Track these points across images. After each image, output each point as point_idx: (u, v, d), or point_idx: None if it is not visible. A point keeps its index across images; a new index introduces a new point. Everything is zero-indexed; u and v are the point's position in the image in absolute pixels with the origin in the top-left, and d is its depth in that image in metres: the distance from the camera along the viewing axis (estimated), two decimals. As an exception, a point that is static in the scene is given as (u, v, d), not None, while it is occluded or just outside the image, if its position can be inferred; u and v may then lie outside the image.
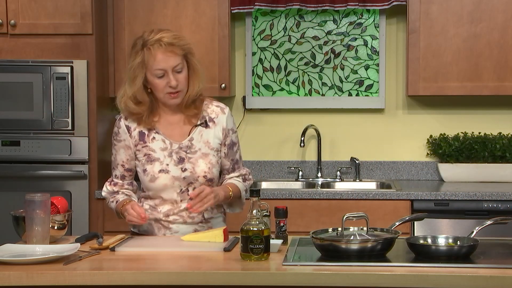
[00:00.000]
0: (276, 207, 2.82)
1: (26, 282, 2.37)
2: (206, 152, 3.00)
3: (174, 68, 2.91)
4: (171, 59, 2.89)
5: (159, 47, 2.88)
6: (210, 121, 3.03)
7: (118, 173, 3.08)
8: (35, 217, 2.64)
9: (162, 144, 2.99)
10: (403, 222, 2.79)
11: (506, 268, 2.37)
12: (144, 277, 2.38)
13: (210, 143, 3.01)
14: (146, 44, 2.89)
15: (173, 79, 2.90)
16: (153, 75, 2.90)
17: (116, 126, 3.06)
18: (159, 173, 2.96)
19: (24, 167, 4.28)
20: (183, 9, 4.49)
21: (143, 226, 3.04)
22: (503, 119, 4.74)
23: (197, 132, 3.01)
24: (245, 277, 2.37)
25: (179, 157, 2.98)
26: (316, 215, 4.19)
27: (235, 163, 3.09)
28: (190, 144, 2.99)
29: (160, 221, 3.02)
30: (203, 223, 3.03)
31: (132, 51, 2.94)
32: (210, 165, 2.99)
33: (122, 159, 3.05)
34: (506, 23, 4.41)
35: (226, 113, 3.06)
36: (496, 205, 4.15)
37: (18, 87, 4.24)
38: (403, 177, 4.82)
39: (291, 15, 4.83)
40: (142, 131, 3.01)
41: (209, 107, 3.05)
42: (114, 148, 3.07)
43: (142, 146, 3.00)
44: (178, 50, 2.91)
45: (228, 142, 3.06)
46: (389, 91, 4.81)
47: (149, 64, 2.89)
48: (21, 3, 4.27)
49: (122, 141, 3.04)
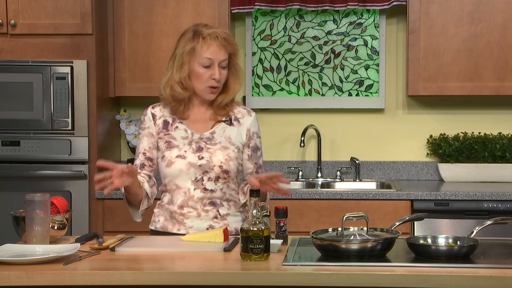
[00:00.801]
0: (276, 207, 2.82)
1: (26, 282, 2.37)
2: (226, 146, 3.02)
3: (221, 62, 2.97)
4: (222, 52, 2.96)
5: (215, 39, 2.95)
6: (235, 120, 3.06)
7: (138, 162, 3.08)
8: (35, 217, 2.64)
9: (184, 133, 3.03)
10: (403, 222, 2.79)
11: (506, 268, 2.37)
12: (144, 277, 2.38)
13: (231, 139, 3.04)
14: (201, 33, 2.96)
15: (217, 72, 2.96)
16: (199, 63, 2.95)
17: (143, 115, 3.11)
18: (176, 158, 2.98)
19: (24, 167, 4.28)
20: (183, 9, 4.49)
21: (159, 222, 3.05)
22: (503, 119, 4.74)
23: (220, 128, 3.05)
24: (245, 277, 2.37)
25: (198, 146, 3.00)
26: (316, 215, 4.19)
27: (259, 167, 3.10)
28: (212, 136, 3.03)
29: (175, 215, 3.02)
30: (218, 219, 3.02)
31: (182, 39, 2.99)
32: (227, 157, 3.00)
33: (144, 147, 3.06)
34: (506, 23, 4.41)
35: (253, 116, 3.11)
36: (496, 205, 4.15)
37: (18, 87, 4.24)
38: (403, 177, 4.82)
39: (291, 15, 4.83)
40: (167, 120, 3.05)
41: (236, 108, 3.09)
42: (139, 137, 3.10)
43: (164, 134, 3.04)
44: (229, 47, 2.98)
45: (252, 145, 3.08)
46: (389, 91, 4.81)
47: (200, 52, 2.94)
48: (21, 3, 4.27)
49: (146, 128, 3.07)
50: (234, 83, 3.03)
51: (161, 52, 4.51)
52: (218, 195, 3.01)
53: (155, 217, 3.11)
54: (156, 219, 3.09)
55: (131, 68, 4.53)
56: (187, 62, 2.96)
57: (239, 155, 3.05)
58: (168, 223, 3.04)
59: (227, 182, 3.02)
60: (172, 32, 4.50)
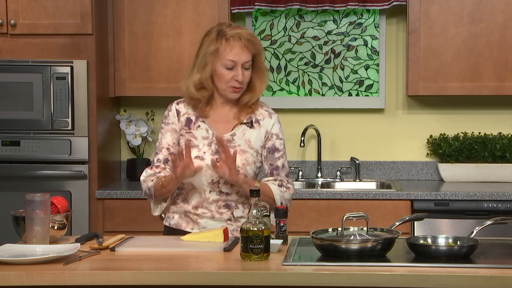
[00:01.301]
0: (276, 207, 2.82)
1: (26, 282, 2.37)
2: (244, 149, 3.00)
3: (244, 64, 2.96)
4: (245, 54, 2.95)
5: (238, 40, 2.94)
6: (255, 122, 3.05)
7: (162, 157, 3.05)
8: (35, 217, 2.64)
9: (205, 133, 3.02)
10: (403, 222, 2.79)
11: (506, 268, 2.37)
12: (144, 277, 2.38)
13: (251, 142, 3.02)
14: (225, 34, 2.95)
15: (240, 73, 2.95)
16: (222, 65, 2.95)
17: (167, 110, 3.09)
18: (194, 159, 2.95)
19: (24, 167, 4.28)
20: (183, 9, 4.49)
21: (173, 219, 3.05)
22: (503, 119, 4.74)
23: (241, 130, 3.03)
24: (245, 277, 2.37)
25: (217, 148, 2.98)
26: (316, 215, 4.19)
27: (274, 169, 3.06)
28: (232, 138, 3.01)
29: (189, 214, 3.02)
30: (232, 221, 3.01)
31: (206, 39, 2.99)
32: (245, 162, 2.98)
33: (168, 142, 3.05)
34: (506, 23, 4.41)
35: (273, 118, 3.09)
36: (496, 205, 4.15)
37: (18, 87, 4.24)
38: (403, 177, 4.82)
39: (291, 15, 4.83)
40: (190, 117, 3.04)
41: (258, 110, 3.08)
42: (161, 131, 3.08)
43: (186, 132, 3.03)
44: (252, 48, 2.97)
45: (269, 146, 3.05)
46: (389, 91, 4.81)
47: (223, 54, 2.94)
48: (21, 3, 4.27)
49: (170, 124, 3.06)
50: (260, 82, 3.03)
51: (161, 52, 4.51)
52: (233, 198, 3.00)
53: (170, 213, 3.10)
54: (170, 216, 3.09)
55: (131, 68, 4.53)
56: (210, 62, 2.96)
57: (258, 159, 3.03)
58: (182, 221, 3.04)
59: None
60: (172, 32, 4.50)
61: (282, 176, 3.06)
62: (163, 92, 4.52)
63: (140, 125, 4.68)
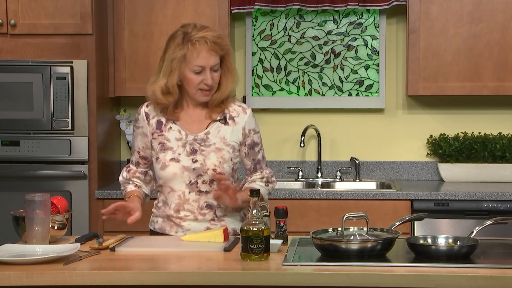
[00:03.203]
0: (276, 207, 2.82)
1: (26, 282, 2.37)
2: (220, 147, 3.00)
3: (213, 66, 2.94)
4: (212, 57, 2.92)
5: (205, 44, 2.90)
6: (230, 119, 3.04)
7: (134, 159, 3.10)
8: (35, 217, 2.64)
9: (177, 134, 3.01)
10: (403, 222, 2.79)
11: (506, 268, 2.37)
12: (144, 277, 2.38)
13: (226, 139, 3.01)
14: (191, 39, 2.91)
15: (209, 77, 2.93)
16: (190, 70, 2.93)
17: (137, 113, 3.09)
18: (170, 161, 2.97)
19: (24, 167, 4.28)
20: (183, 9, 4.49)
21: (157, 223, 3.06)
22: (503, 119, 4.74)
23: (215, 128, 3.02)
24: (245, 277, 2.37)
25: (192, 148, 2.98)
26: (316, 215, 4.19)
27: (256, 163, 3.09)
28: (206, 137, 3.00)
29: (172, 218, 3.02)
30: (215, 220, 3.01)
31: (172, 43, 2.96)
32: (221, 160, 2.98)
33: (139, 145, 3.07)
34: (506, 23, 4.41)
35: (248, 113, 3.07)
36: (496, 205, 4.15)
37: (18, 87, 4.24)
38: (403, 177, 4.82)
39: (291, 15, 4.83)
40: (160, 120, 3.03)
41: (231, 106, 3.06)
42: (133, 134, 3.10)
43: (158, 134, 3.02)
44: (219, 50, 2.94)
45: (249, 142, 3.06)
46: (389, 91, 4.81)
47: (190, 59, 2.91)
48: (21, 3, 4.27)
49: (140, 128, 3.06)
50: (227, 82, 3.00)
51: (161, 52, 4.49)
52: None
53: (153, 217, 3.12)
54: (154, 219, 3.10)
55: (131, 68, 4.53)
56: (177, 68, 2.93)
57: (234, 155, 3.03)
58: (166, 225, 3.04)
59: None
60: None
61: (263, 167, 3.10)
62: (163, 92, 4.52)
63: (140, 125, 4.68)
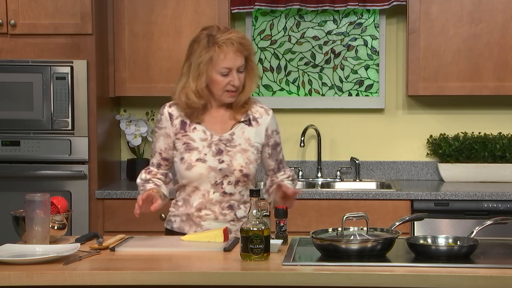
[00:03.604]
0: (276, 207, 2.82)
1: (26, 282, 2.37)
2: (245, 148, 3.01)
3: (239, 67, 2.95)
4: (238, 59, 2.94)
5: (231, 46, 2.91)
6: (253, 120, 3.05)
7: (155, 161, 3.08)
8: (35, 217, 2.64)
9: (202, 134, 3.01)
10: (403, 222, 2.79)
11: (506, 268, 2.37)
12: (144, 277, 2.38)
13: (251, 140, 3.03)
14: (216, 41, 2.91)
15: (236, 78, 2.94)
16: (217, 72, 2.93)
17: (159, 113, 3.07)
18: (196, 162, 2.97)
19: (24, 167, 4.28)
20: (183, 9, 4.49)
21: (175, 222, 3.05)
22: (503, 119, 4.74)
23: (239, 128, 3.03)
24: (245, 277, 2.37)
25: (218, 149, 2.98)
26: (316, 215, 4.19)
27: (279, 163, 3.13)
28: (231, 138, 3.01)
29: (192, 217, 3.02)
30: (235, 221, 3.01)
31: (196, 46, 2.95)
32: (247, 161, 2.99)
33: (161, 147, 3.05)
34: (506, 23, 4.41)
35: (270, 114, 3.09)
36: (496, 205, 4.15)
37: (18, 87, 4.24)
38: (403, 177, 4.82)
39: (291, 15, 4.83)
40: (184, 120, 3.02)
41: (254, 107, 3.08)
42: (155, 135, 3.09)
43: (182, 135, 3.01)
44: (245, 51, 2.95)
45: (272, 143, 3.09)
46: (389, 91, 4.81)
47: (217, 62, 2.91)
48: (21, 3, 4.27)
49: (163, 128, 3.04)
50: (251, 82, 3.01)
51: (161, 52, 4.51)
52: (236, 198, 3.01)
53: (171, 216, 3.10)
54: (172, 219, 3.08)
55: (131, 68, 4.53)
56: (204, 71, 2.93)
57: (258, 157, 3.05)
58: (185, 224, 3.04)
59: (246, 185, 3.02)
60: (172, 32, 4.50)
61: (286, 167, 3.16)
62: (163, 92, 4.52)
63: (140, 125, 4.68)
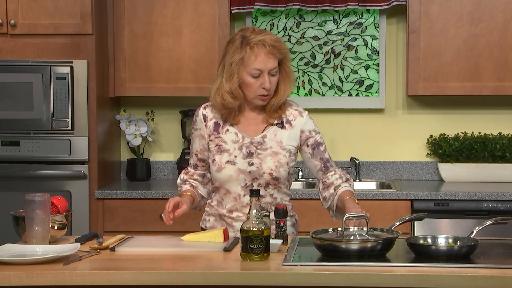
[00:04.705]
0: (276, 207, 2.82)
1: (26, 282, 2.37)
2: (276, 151, 2.99)
3: (271, 70, 2.92)
4: (270, 61, 2.91)
5: (263, 48, 2.89)
6: (286, 123, 3.03)
7: (192, 162, 3.09)
8: (35, 217, 2.64)
9: (234, 136, 3.00)
10: (403, 222, 2.79)
11: (506, 268, 2.37)
12: (144, 277, 2.38)
13: (283, 143, 3.00)
14: (249, 42, 2.90)
15: (267, 81, 2.92)
16: (248, 73, 2.91)
17: (195, 115, 3.08)
18: (226, 164, 2.96)
19: (24, 167, 4.28)
20: (183, 9, 4.49)
21: (209, 222, 3.07)
22: (503, 119, 4.74)
23: (272, 131, 3.01)
24: (245, 277, 2.37)
25: (249, 151, 2.97)
26: (316, 215, 4.19)
27: (326, 162, 3.07)
28: (262, 140, 3.00)
29: (224, 217, 3.02)
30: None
31: (230, 47, 2.94)
32: (278, 164, 2.97)
33: (196, 148, 3.06)
34: (506, 23, 4.41)
35: (305, 116, 3.06)
36: (496, 205, 4.15)
37: (18, 87, 4.24)
38: (403, 177, 4.82)
39: (291, 15, 4.83)
40: (218, 122, 3.02)
41: (288, 110, 3.05)
42: (192, 136, 3.09)
43: (215, 136, 3.01)
44: (278, 53, 2.92)
45: (311, 143, 3.05)
46: (389, 91, 4.81)
47: (248, 63, 2.90)
48: (21, 3, 4.27)
49: (198, 130, 3.05)
50: (285, 86, 2.99)
51: (161, 52, 4.51)
52: (268, 200, 2.99)
53: (205, 215, 3.11)
54: (206, 218, 3.10)
55: (131, 68, 4.53)
56: (236, 72, 2.91)
57: (290, 159, 3.01)
58: (218, 224, 3.05)
59: (278, 187, 3.00)
60: (172, 32, 4.50)
61: (335, 167, 3.09)
62: (163, 92, 4.53)
63: (140, 125, 4.68)
